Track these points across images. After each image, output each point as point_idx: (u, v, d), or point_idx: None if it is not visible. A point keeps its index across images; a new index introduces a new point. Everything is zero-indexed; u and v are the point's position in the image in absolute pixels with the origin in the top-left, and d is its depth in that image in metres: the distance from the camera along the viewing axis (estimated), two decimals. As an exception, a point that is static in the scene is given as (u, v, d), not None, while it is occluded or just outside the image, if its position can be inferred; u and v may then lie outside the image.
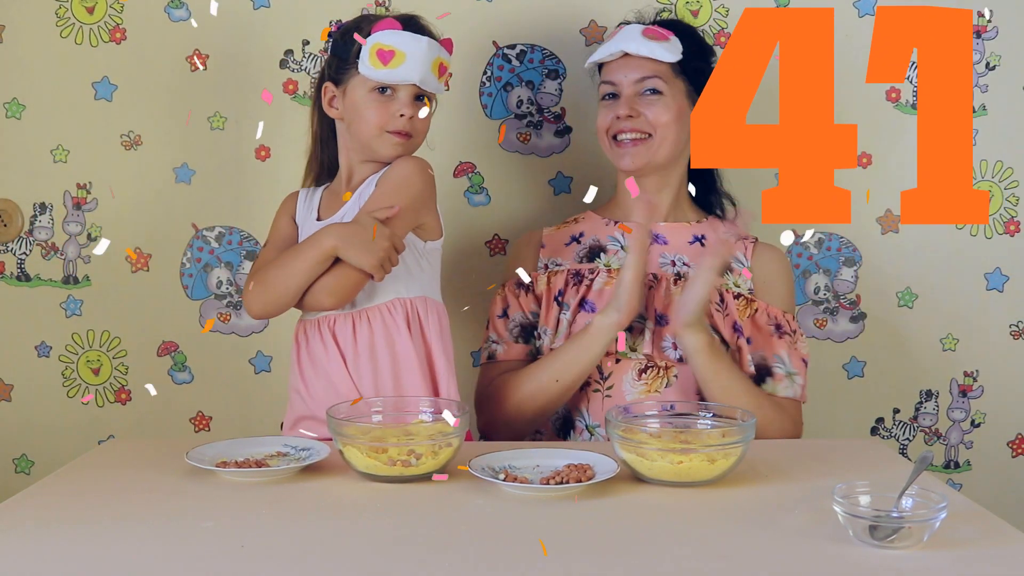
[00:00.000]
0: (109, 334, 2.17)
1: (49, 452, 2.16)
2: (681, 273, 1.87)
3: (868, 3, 2.13)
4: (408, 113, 1.69)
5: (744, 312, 1.85)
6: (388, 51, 1.65)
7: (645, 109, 1.84)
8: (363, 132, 1.71)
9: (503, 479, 1.41)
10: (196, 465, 1.47)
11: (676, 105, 1.85)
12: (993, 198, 2.17)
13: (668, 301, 1.83)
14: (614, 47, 1.85)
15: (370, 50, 1.66)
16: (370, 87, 1.69)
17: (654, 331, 1.82)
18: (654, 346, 1.81)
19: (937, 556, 1.17)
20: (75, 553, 1.21)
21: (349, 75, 1.71)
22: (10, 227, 2.15)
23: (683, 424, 1.54)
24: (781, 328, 1.85)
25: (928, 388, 2.21)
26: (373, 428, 1.51)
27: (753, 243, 1.93)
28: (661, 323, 1.83)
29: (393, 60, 1.65)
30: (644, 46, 1.82)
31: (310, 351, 1.71)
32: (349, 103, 1.72)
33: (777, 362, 1.83)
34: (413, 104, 1.70)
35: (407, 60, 1.66)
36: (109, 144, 2.13)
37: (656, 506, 1.35)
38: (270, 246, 1.78)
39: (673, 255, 1.90)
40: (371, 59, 1.66)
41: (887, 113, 2.15)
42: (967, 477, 2.21)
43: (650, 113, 1.84)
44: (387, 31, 1.67)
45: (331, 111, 1.75)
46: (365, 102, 1.69)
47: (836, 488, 1.23)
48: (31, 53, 2.12)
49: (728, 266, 1.85)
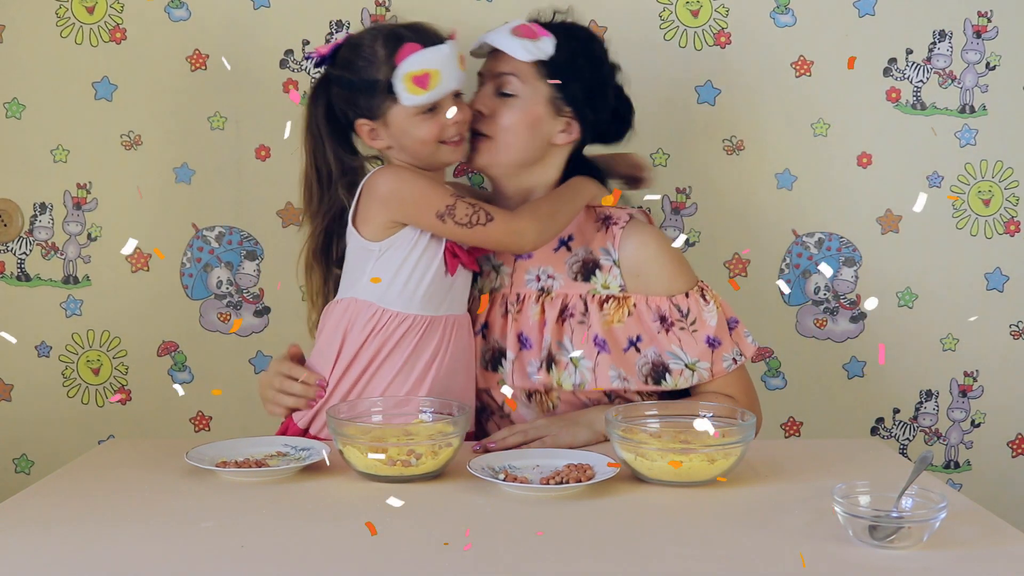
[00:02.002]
0: (109, 334, 2.17)
1: (49, 452, 2.16)
2: (545, 288, 1.76)
3: (868, 3, 2.13)
4: (458, 118, 1.69)
5: (616, 315, 1.72)
6: (422, 75, 1.64)
7: (498, 109, 1.74)
8: (420, 151, 1.69)
9: (503, 479, 1.41)
10: (196, 465, 1.47)
11: (530, 109, 1.74)
12: (993, 198, 2.17)
13: (532, 320, 1.74)
14: (481, 38, 1.77)
15: (405, 81, 1.63)
16: (413, 112, 1.66)
17: (516, 358, 1.73)
18: (516, 375, 1.73)
19: (937, 556, 1.17)
20: (75, 553, 1.21)
21: (384, 107, 1.67)
22: (10, 227, 2.15)
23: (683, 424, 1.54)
24: (666, 319, 1.72)
25: (928, 388, 2.21)
26: (373, 428, 1.51)
27: (622, 229, 1.76)
28: (526, 346, 1.74)
29: (431, 81, 1.64)
30: (503, 41, 1.73)
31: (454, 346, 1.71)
32: (395, 131, 1.69)
33: (671, 358, 1.71)
34: (458, 105, 1.70)
35: (442, 74, 1.65)
36: (109, 144, 2.13)
37: (656, 506, 1.35)
38: (457, 195, 1.68)
39: (538, 269, 1.78)
40: (409, 89, 1.63)
41: (887, 113, 2.15)
42: (967, 477, 2.21)
43: (500, 116, 1.74)
44: (412, 57, 1.64)
45: (376, 144, 1.72)
46: (414, 124, 1.67)
47: (836, 488, 1.23)
48: (31, 53, 2.12)
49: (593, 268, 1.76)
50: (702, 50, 2.14)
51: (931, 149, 2.16)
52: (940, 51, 2.14)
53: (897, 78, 2.14)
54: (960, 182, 2.17)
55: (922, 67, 2.14)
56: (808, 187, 2.17)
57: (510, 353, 1.74)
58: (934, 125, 2.15)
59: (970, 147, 2.16)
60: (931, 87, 2.15)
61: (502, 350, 1.75)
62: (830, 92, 2.14)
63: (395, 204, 1.66)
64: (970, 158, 2.16)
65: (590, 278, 1.76)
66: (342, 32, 2.11)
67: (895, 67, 2.14)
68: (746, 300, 2.18)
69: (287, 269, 2.13)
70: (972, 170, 2.17)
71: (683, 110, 2.15)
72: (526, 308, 1.76)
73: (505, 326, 1.76)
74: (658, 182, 2.16)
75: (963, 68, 2.14)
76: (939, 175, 2.16)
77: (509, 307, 1.77)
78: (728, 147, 2.16)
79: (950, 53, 2.14)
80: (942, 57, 2.14)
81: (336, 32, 2.11)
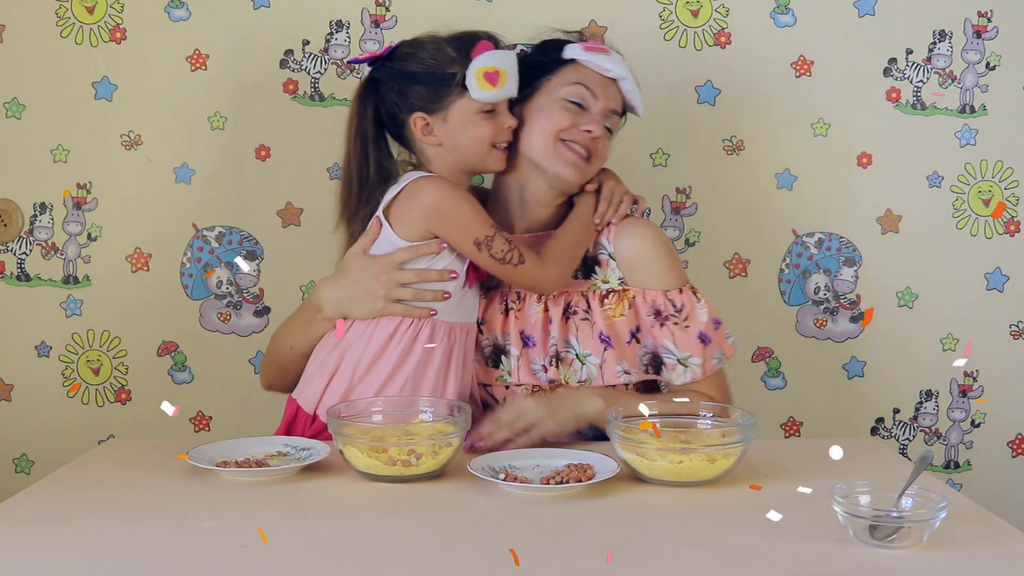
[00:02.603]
0: (109, 334, 2.17)
1: (49, 452, 2.16)
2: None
3: (868, 3, 2.13)
4: (512, 124, 1.72)
5: (617, 309, 1.74)
6: (493, 72, 1.68)
7: (602, 138, 1.76)
8: (473, 151, 1.71)
9: (503, 479, 1.41)
10: (196, 465, 1.47)
11: (609, 148, 1.79)
12: (993, 198, 2.17)
13: (535, 319, 1.75)
14: (614, 68, 1.76)
15: (477, 75, 1.67)
16: (477, 109, 1.69)
17: (520, 355, 1.74)
18: (521, 372, 1.74)
19: (937, 556, 1.17)
20: (75, 553, 1.21)
21: (449, 101, 1.70)
22: (10, 227, 2.15)
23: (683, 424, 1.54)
24: (660, 313, 1.73)
25: (928, 388, 2.21)
26: (373, 428, 1.51)
27: (615, 223, 1.78)
28: (529, 344, 1.75)
29: (500, 80, 1.68)
30: (632, 88, 1.78)
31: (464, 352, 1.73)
32: (453, 127, 1.71)
33: (665, 352, 1.73)
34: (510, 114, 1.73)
35: (509, 76, 1.69)
36: (109, 144, 2.14)
37: (656, 506, 1.35)
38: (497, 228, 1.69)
39: None
40: (480, 84, 1.67)
41: (887, 113, 2.15)
42: (967, 477, 2.21)
43: (603, 144, 1.76)
44: (486, 53, 1.69)
45: (429, 139, 1.72)
46: (474, 123, 1.70)
47: (836, 488, 1.23)
48: (31, 53, 2.12)
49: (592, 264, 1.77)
50: (702, 50, 2.14)
51: (931, 149, 2.16)
52: (940, 51, 2.14)
53: (897, 78, 2.14)
54: (960, 182, 2.17)
55: (922, 67, 2.14)
56: (808, 187, 2.17)
57: (514, 350, 1.74)
58: (934, 125, 2.15)
59: (970, 147, 2.16)
60: (931, 87, 2.15)
61: (500, 346, 1.76)
62: (830, 92, 2.14)
63: (437, 218, 1.67)
64: (970, 158, 2.16)
65: (590, 275, 1.77)
66: (342, 32, 2.11)
67: (895, 67, 2.14)
68: (746, 300, 2.18)
69: (287, 269, 2.14)
70: (972, 170, 2.17)
71: (683, 110, 2.15)
72: (527, 306, 1.76)
73: (506, 323, 1.76)
74: (658, 182, 2.16)
75: (963, 68, 2.15)
76: (939, 175, 2.16)
77: (510, 304, 1.77)
78: (728, 147, 2.16)
79: (950, 53, 2.14)
80: (942, 57, 2.14)
81: (336, 32, 2.12)
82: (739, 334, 2.18)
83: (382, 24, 2.12)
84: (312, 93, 2.13)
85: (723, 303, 2.17)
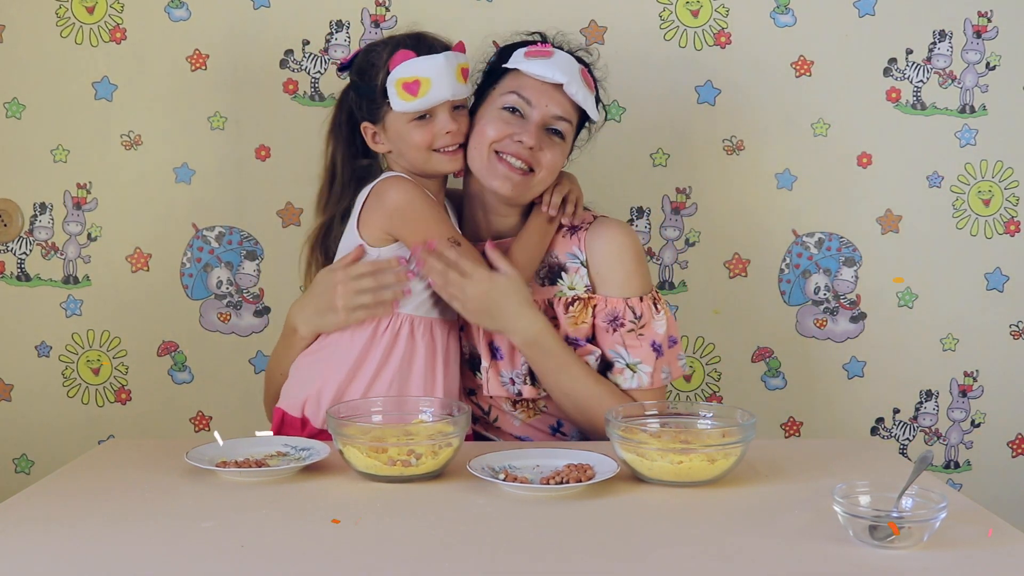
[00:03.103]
0: (109, 334, 2.17)
1: (49, 452, 2.17)
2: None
3: (868, 3, 2.13)
4: (451, 128, 1.69)
5: (581, 316, 1.73)
6: (412, 82, 1.66)
7: (545, 147, 1.70)
8: (415, 158, 1.72)
9: (503, 479, 1.41)
10: (196, 465, 1.47)
11: (564, 153, 1.75)
12: (993, 198, 2.17)
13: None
14: (552, 73, 1.69)
15: (395, 87, 1.67)
16: (408, 118, 1.69)
17: (489, 367, 1.74)
18: (491, 384, 1.74)
19: (937, 556, 1.17)
20: (75, 553, 1.21)
21: (383, 112, 1.71)
22: (10, 227, 2.15)
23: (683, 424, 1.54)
24: (617, 319, 1.71)
25: (928, 388, 2.21)
26: (373, 428, 1.51)
27: (586, 230, 1.76)
28: (497, 356, 1.75)
29: (420, 89, 1.66)
30: (580, 91, 1.71)
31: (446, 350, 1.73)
32: (392, 136, 1.72)
33: (615, 357, 1.72)
34: (453, 116, 1.70)
35: (433, 83, 1.66)
36: (109, 144, 2.14)
37: (656, 506, 1.35)
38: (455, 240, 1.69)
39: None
40: (400, 95, 1.67)
41: (887, 113, 2.15)
42: (967, 477, 2.21)
43: (548, 154, 1.70)
44: (403, 64, 1.67)
45: (378, 147, 1.75)
46: (408, 131, 1.70)
47: (836, 488, 1.23)
48: (31, 53, 2.12)
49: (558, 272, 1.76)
50: (702, 50, 2.14)
51: (931, 149, 2.16)
52: (940, 51, 2.14)
53: (897, 78, 2.14)
54: (960, 182, 2.17)
55: (922, 67, 2.14)
56: (808, 187, 2.17)
57: (484, 362, 1.75)
58: (934, 125, 2.15)
59: (970, 147, 2.16)
60: (931, 87, 2.15)
61: (477, 355, 1.77)
62: (830, 92, 2.14)
63: (397, 219, 1.68)
64: (970, 158, 2.16)
65: (556, 281, 1.76)
66: (342, 32, 2.12)
67: (895, 67, 2.14)
68: (746, 300, 2.18)
69: (287, 269, 2.14)
70: (972, 170, 2.17)
71: (683, 110, 2.15)
72: None
73: (477, 330, 1.76)
74: (658, 182, 2.16)
75: (963, 68, 2.15)
76: (939, 175, 2.16)
77: None
78: (728, 147, 2.16)
79: (950, 53, 2.14)
80: (942, 57, 2.14)
81: (336, 32, 2.12)
82: (739, 334, 2.19)
83: (382, 24, 2.12)
84: (312, 93, 2.13)
85: (723, 303, 2.18)
